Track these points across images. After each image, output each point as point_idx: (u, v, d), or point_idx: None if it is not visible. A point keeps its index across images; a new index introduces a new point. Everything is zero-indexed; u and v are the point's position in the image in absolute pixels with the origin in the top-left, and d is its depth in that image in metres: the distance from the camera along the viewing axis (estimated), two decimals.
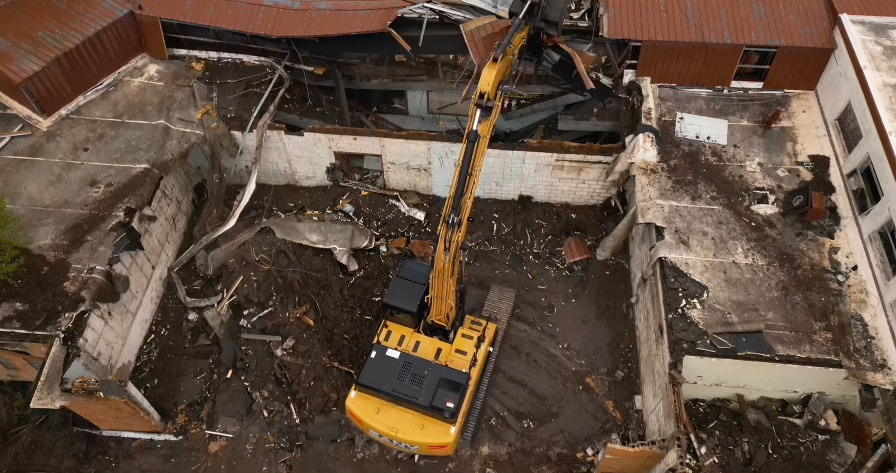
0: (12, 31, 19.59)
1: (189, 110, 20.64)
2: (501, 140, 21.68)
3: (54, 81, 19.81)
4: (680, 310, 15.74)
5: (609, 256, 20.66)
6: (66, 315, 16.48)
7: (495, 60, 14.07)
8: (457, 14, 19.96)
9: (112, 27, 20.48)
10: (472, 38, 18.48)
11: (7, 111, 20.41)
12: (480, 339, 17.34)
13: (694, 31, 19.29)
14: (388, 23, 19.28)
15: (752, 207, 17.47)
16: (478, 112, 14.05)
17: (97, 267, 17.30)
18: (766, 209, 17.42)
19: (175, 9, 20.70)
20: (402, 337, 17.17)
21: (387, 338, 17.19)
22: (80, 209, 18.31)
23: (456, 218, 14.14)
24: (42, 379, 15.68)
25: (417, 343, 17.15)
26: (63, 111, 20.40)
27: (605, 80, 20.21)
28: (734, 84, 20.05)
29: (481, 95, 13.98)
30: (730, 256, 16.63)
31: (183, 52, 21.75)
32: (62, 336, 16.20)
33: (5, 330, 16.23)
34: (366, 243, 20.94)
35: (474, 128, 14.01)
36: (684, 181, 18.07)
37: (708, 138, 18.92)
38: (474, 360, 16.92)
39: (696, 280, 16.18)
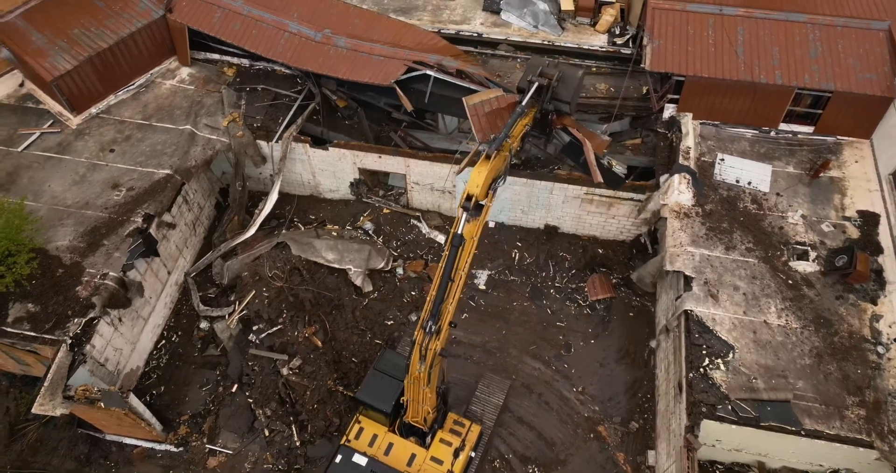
0: (50, 27, 19.61)
1: (216, 116, 20.43)
2: (531, 167, 20.94)
3: (86, 80, 19.81)
4: (702, 370, 14.87)
5: (637, 281, 19.78)
6: (76, 320, 16.44)
7: (488, 157, 12.49)
8: (463, 84, 18.91)
9: (147, 28, 20.39)
10: (476, 112, 17.21)
11: (40, 106, 20.52)
12: (460, 448, 15.76)
13: (743, 69, 18.23)
14: (394, 80, 18.68)
15: (790, 263, 16.43)
16: (464, 215, 12.34)
17: (110, 274, 17.20)
18: (806, 266, 16.37)
19: (203, 19, 20.55)
20: (375, 437, 15.70)
21: (357, 437, 15.71)
22: (100, 212, 18.26)
23: (434, 326, 12.74)
24: (46, 384, 15.69)
25: (390, 445, 15.67)
26: (93, 109, 20.41)
27: (619, 168, 18.88)
28: (783, 126, 18.94)
29: (468, 197, 12.27)
30: (761, 315, 15.65)
31: (216, 56, 21.54)
32: (69, 342, 16.16)
33: (15, 331, 16.27)
34: (382, 264, 20.47)
35: (459, 231, 12.34)
36: (719, 229, 17.11)
37: (749, 184, 17.88)
38: None
39: (723, 338, 15.27)
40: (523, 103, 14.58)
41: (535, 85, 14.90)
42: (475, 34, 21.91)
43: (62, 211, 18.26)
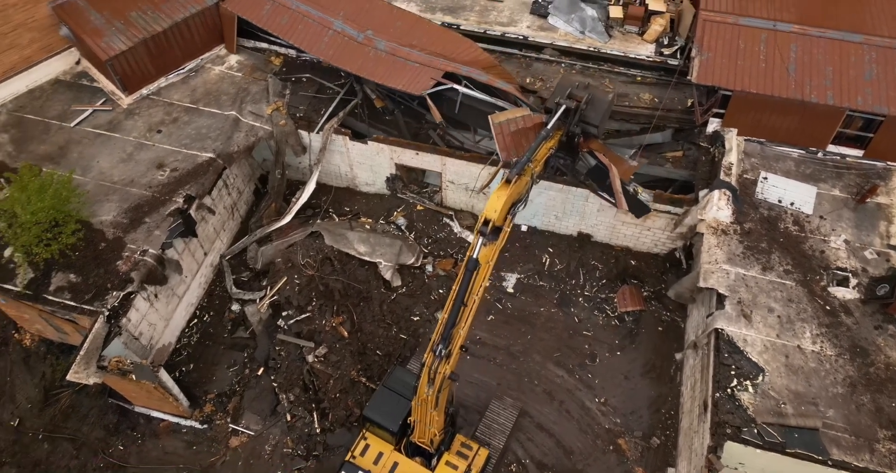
0: (108, 8, 20.16)
1: (261, 104, 20.78)
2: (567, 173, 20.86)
3: (139, 61, 20.30)
4: (729, 390, 14.67)
5: (675, 297, 19.55)
6: (114, 293, 16.90)
7: (508, 182, 12.08)
8: (491, 100, 18.74)
9: (200, 14, 20.81)
10: (501, 130, 16.88)
11: (94, 84, 21.11)
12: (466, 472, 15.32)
13: (793, 87, 17.88)
14: (424, 91, 18.65)
15: (829, 289, 16.10)
16: (480, 240, 11.98)
17: (150, 251, 17.65)
18: (845, 293, 16.02)
19: (253, 10, 20.89)
20: (380, 455, 15.40)
21: (363, 453, 15.46)
22: (144, 190, 18.73)
23: (444, 350, 12.38)
24: (81, 353, 16.19)
25: (395, 464, 15.29)
26: (144, 91, 20.92)
27: (644, 196, 18.17)
28: (830, 148, 18.53)
29: (486, 222, 11.88)
30: (795, 340, 15.38)
31: (264, 45, 21.90)
32: (107, 313, 16.63)
33: (57, 299, 16.80)
34: (412, 260, 20.63)
35: (475, 255, 11.97)
36: (757, 248, 16.84)
37: (791, 204, 17.55)
38: None
39: (753, 360, 15.03)
40: (549, 126, 14.09)
41: (563, 107, 14.36)
42: (521, 37, 21.88)
43: (108, 187, 18.79)
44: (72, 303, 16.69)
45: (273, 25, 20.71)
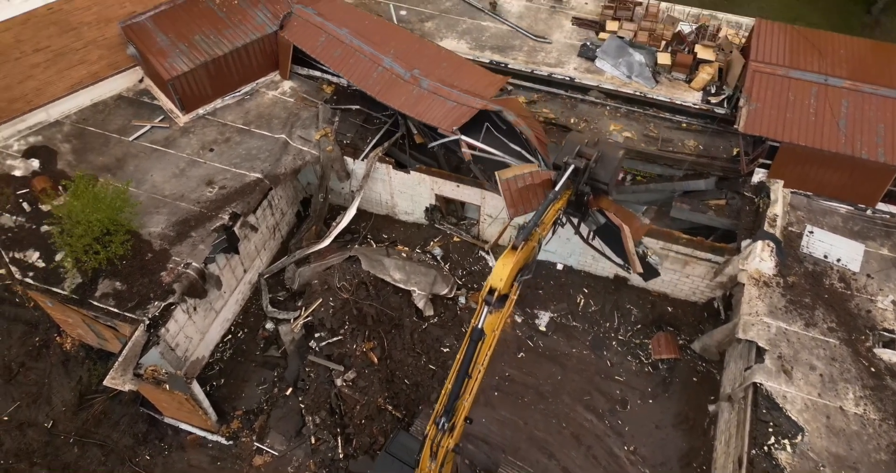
0: (174, 31, 21.13)
1: (310, 130, 21.38)
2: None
3: (199, 83, 21.13)
4: (766, 448, 14.26)
5: (701, 351, 19.17)
6: (156, 303, 17.31)
7: (514, 248, 11.74)
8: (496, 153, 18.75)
9: (259, 41, 21.63)
10: (508, 187, 16.37)
11: (154, 101, 22.03)
12: None
13: (844, 142, 17.76)
14: (457, 127, 18.84)
15: (875, 350, 15.66)
16: (485, 309, 11.58)
17: (193, 264, 18.10)
18: (892, 356, 15.55)
19: (308, 41, 21.58)
20: None
21: None
22: (193, 205, 19.31)
23: (447, 423, 11.86)
24: (120, 359, 16.54)
25: None
26: (201, 110, 21.72)
27: (654, 259, 17.57)
28: (881, 206, 18.24)
29: (491, 291, 11.54)
30: (838, 400, 14.93)
31: (317, 73, 22.64)
32: (147, 322, 17.02)
33: (101, 305, 17.28)
34: (446, 291, 20.72)
35: (480, 325, 11.58)
36: (800, 303, 16.52)
37: (838, 261, 17.24)
38: None
39: (793, 418, 14.62)
40: (557, 188, 13.70)
41: (572, 167, 13.99)
42: (567, 78, 22.20)
43: (159, 200, 19.43)
44: (115, 310, 17.14)
45: (326, 57, 21.39)
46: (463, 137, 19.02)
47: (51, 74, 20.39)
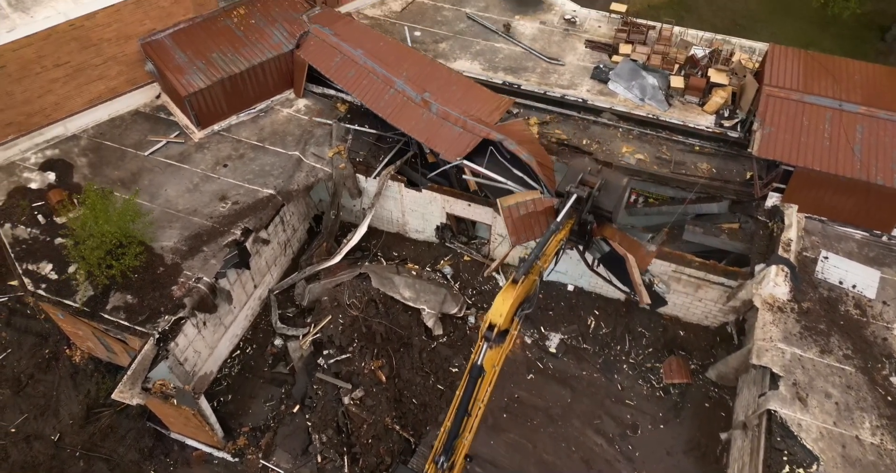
0: (192, 48, 21.45)
1: (323, 147, 21.53)
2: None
3: (215, 99, 21.37)
4: None
5: (718, 378, 18.91)
6: (166, 317, 17.33)
7: (515, 282, 11.49)
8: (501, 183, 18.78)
9: (276, 60, 21.87)
10: (510, 214, 16.28)
11: (170, 117, 22.28)
12: None
13: (859, 167, 17.67)
14: (461, 157, 18.91)
15: (891, 378, 15.41)
16: (484, 345, 11.36)
17: (204, 279, 18.14)
18: None
19: (324, 61, 21.75)
20: None
21: None
22: (205, 220, 19.41)
23: (446, 462, 11.57)
24: (129, 373, 16.51)
25: None
26: (216, 127, 21.93)
27: (660, 287, 17.21)
28: None
29: (490, 327, 11.30)
30: (854, 429, 14.66)
31: (332, 92, 22.86)
32: (157, 336, 17.03)
33: (112, 318, 17.31)
34: (455, 310, 20.63)
35: (479, 362, 11.35)
36: (815, 329, 16.32)
37: (853, 287, 17.06)
38: None
39: (808, 447, 14.35)
40: (559, 218, 13.47)
41: (575, 196, 13.78)
42: (580, 100, 22.29)
43: (172, 214, 19.55)
44: (125, 323, 17.18)
45: (340, 77, 21.53)
46: (466, 163, 18.97)
47: (70, 89, 20.69)
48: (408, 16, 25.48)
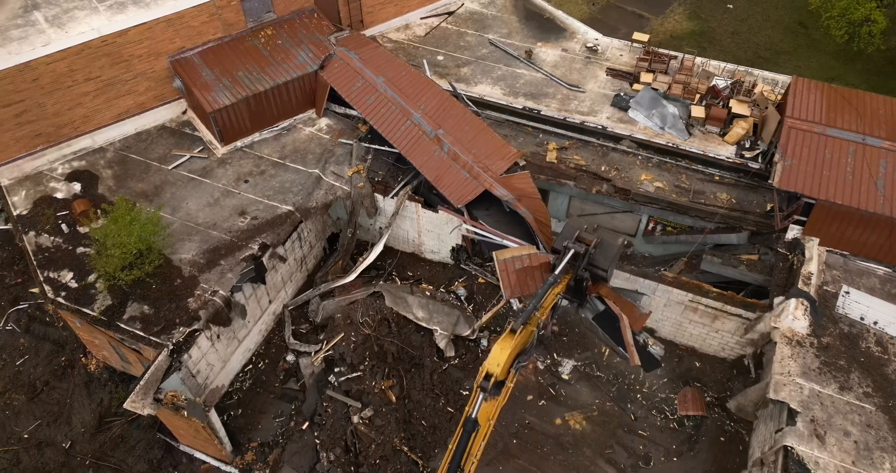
0: (219, 66, 21.95)
1: (343, 166, 21.78)
2: (635, 263, 20.65)
3: (239, 116, 21.79)
4: None
5: (737, 410, 18.51)
6: (181, 329, 17.46)
7: (513, 332, 11.51)
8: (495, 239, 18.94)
9: (300, 79, 22.29)
10: (506, 268, 16.23)
11: (195, 133, 22.72)
12: None
13: (882, 202, 17.46)
14: (463, 203, 19.21)
15: None
16: (480, 396, 11.16)
17: (220, 292, 18.29)
18: None
19: (345, 84, 22.09)
20: None
21: None
22: (224, 234, 19.64)
23: None
24: (142, 383, 16.62)
25: None
26: (239, 143, 22.32)
27: (655, 349, 17.14)
28: None
29: (487, 377, 11.16)
30: (873, 470, 14.23)
31: (353, 112, 23.19)
32: (171, 347, 17.14)
33: (128, 327, 17.48)
34: (468, 332, 20.54)
35: (474, 414, 11.15)
36: (835, 365, 15.98)
37: (875, 324, 16.72)
38: None
39: None
40: (557, 271, 13.60)
41: (572, 251, 13.93)
42: (600, 127, 22.38)
43: (192, 227, 19.81)
44: (141, 334, 17.34)
45: (359, 102, 21.78)
46: (466, 223, 19.24)
47: (99, 103, 21.24)
48: (431, 40, 25.89)
